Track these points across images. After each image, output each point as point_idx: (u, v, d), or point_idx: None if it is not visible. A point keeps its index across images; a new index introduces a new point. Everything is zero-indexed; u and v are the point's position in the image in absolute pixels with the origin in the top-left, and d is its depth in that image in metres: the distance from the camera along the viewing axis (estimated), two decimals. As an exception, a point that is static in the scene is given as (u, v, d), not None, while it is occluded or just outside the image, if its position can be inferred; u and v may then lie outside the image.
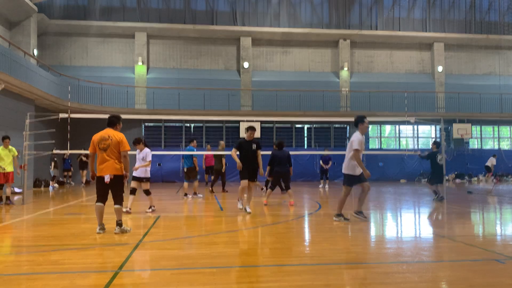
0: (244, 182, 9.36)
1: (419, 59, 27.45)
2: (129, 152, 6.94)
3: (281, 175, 10.86)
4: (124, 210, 8.73)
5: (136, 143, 9.90)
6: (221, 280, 4.15)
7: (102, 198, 6.81)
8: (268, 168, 11.57)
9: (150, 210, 9.70)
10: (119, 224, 6.75)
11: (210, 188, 15.48)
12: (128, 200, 9.16)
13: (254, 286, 4.01)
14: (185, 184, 13.42)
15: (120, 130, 7.09)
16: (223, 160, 15.60)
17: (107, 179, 6.65)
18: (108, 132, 6.91)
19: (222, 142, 16.53)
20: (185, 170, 13.27)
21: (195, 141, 13.76)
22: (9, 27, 21.03)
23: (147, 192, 9.82)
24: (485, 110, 25.96)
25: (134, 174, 9.86)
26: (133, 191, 9.69)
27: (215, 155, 15.93)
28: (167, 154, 22.55)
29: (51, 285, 4.05)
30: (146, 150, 9.92)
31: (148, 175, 9.93)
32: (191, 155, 13.02)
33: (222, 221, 8.42)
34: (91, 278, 4.33)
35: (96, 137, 6.90)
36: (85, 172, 20.29)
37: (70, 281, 4.17)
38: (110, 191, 6.83)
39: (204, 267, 4.65)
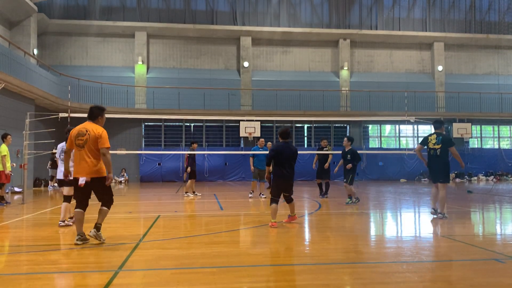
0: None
1: (419, 58, 27.45)
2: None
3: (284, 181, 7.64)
4: (63, 224, 7.38)
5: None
6: (221, 280, 4.15)
7: (81, 204, 5.84)
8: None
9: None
10: (97, 227, 5.79)
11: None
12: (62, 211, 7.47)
13: (254, 286, 4.00)
14: (261, 184, 13.19)
15: (103, 124, 6.08)
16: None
17: (81, 181, 5.68)
18: (86, 126, 5.90)
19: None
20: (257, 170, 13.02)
21: (260, 140, 13.54)
22: (9, 27, 21.03)
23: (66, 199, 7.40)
24: (485, 110, 25.96)
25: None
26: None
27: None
28: (167, 154, 22.57)
29: (51, 285, 4.05)
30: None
31: (61, 176, 7.50)
32: (258, 155, 12.89)
33: (222, 221, 8.41)
34: (91, 278, 4.33)
35: (74, 131, 5.94)
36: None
37: (70, 281, 4.17)
38: (95, 195, 5.93)
39: (204, 267, 4.65)
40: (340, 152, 11.77)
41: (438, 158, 8.27)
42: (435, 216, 8.41)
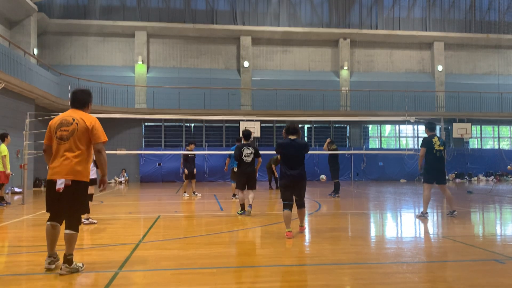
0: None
1: (419, 58, 27.45)
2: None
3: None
4: (87, 222, 7.10)
5: None
6: (221, 280, 4.15)
7: (57, 215, 4.47)
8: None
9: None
10: (68, 260, 4.36)
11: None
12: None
13: (254, 286, 4.01)
14: (233, 185, 12.76)
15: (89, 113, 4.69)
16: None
17: (59, 185, 4.31)
18: (73, 114, 4.51)
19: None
20: (234, 169, 12.32)
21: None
22: (9, 26, 21.02)
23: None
24: (485, 110, 25.96)
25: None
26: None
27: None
28: (167, 154, 22.56)
29: (51, 285, 4.05)
30: None
31: None
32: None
33: (222, 221, 8.41)
34: (91, 278, 4.33)
35: (54, 121, 4.52)
36: None
37: (69, 281, 4.17)
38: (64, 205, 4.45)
39: (204, 267, 4.65)
40: (342, 152, 11.82)
41: (443, 159, 8.68)
42: (424, 217, 8.54)
